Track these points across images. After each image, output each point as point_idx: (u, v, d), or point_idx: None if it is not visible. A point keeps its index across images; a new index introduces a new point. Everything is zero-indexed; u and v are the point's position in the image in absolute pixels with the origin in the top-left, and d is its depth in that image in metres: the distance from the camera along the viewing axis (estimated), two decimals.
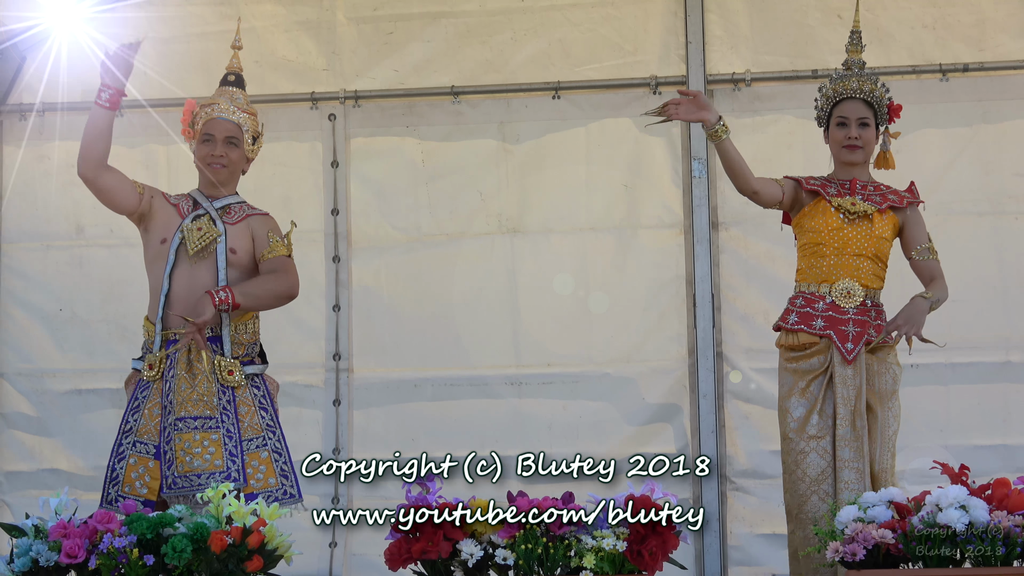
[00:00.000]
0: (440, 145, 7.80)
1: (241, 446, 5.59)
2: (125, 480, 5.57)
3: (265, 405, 5.72)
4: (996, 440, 7.28)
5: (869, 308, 5.82)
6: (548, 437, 7.60)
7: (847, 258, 5.83)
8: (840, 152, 5.96)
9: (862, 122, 5.93)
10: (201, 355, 5.51)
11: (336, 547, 7.60)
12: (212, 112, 5.87)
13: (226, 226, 5.77)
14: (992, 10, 7.48)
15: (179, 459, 5.51)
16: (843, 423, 5.67)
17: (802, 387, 5.77)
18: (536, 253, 7.70)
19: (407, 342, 7.73)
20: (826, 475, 5.68)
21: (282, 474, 5.68)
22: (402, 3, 7.82)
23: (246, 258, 5.79)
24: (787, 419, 5.79)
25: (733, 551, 7.45)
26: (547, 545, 4.49)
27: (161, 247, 5.76)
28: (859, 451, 5.66)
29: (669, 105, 5.83)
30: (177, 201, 5.89)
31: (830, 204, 5.87)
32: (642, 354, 7.60)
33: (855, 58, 6.06)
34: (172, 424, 5.55)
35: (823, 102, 6.03)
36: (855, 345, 5.73)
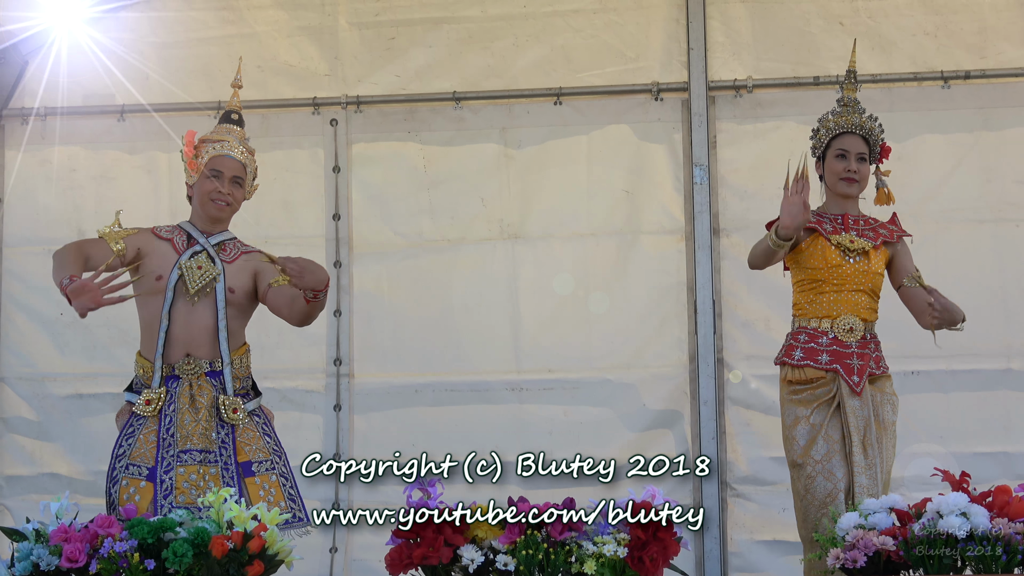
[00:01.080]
0: (441, 150, 7.80)
1: (238, 476, 5.58)
2: (119, 502, 5.53)
3: (268, 432, 5.74)
4: (997, 447, 7.28)
5: (868, 341, 5.91)
6: (549, 442, 7.60)
7: (846, 294, 5.90)
8: (838, 184, 6.03)
9: (860, 157, 6.02)
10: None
11: (337, 552, 7.60)
12: (221, 149, 5.82)
13: (224, 264, 5.75)
14: (994, 18, 7.49)
15: (180, 490, 5.50)
16: (857, 451, 5.74)
17: (806, 415, 5.85)
18: (537, 259, 7.70)
19: (408, 347, 7.74)
20: (833, 496, 5.74)
21: (290, 498, 5.69)
22: (404, 8, 7.83)
23: (243, 298, 5.76)
24: (794, 447, 5.86)
25: (733, 557, 7.45)
26: (548, 551, 4.49)
27: (157, 284, 5.68)
28: (873, 478, 5.73)
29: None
30: (170, 235, 5.81)
31: (829, 241, 5.94)
32: (643, 360, 7.60)
33: (851, 96, 6.14)
34: (175, 456, 5.54)
35: (824, 133, 6.09)
36: (860, 377, 5.81)
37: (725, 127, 7.63)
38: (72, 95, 7.84)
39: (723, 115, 7.64)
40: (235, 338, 5.73)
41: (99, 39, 7.69)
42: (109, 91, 7.82)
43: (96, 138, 7.90)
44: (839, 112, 6.08)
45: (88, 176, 7.91)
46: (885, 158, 6.13)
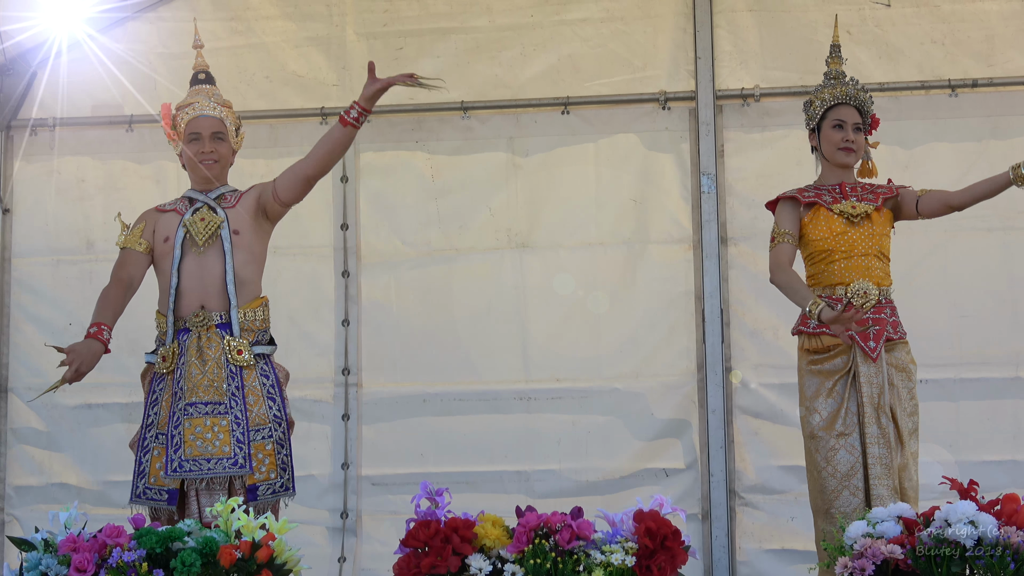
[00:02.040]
0: (449, 160, 7.81)
1: (248, 434, 5.64)
2: (151, 472, 5.66)
3: (273, 395, 5.78)
4: (1005, 455, 7.27)
5: (884, 306, 5.91)
6: (557, 452, 7.61)
7: (856, 259, 5.92)
8: (836, 154, 6.07)
9: (856, 127, 6.08)
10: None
11: (345, 562, 7.60)
12: (194, 111, 5.93)
13: (226, 211, 5.84)
14: (1001, 26, 7.49)
15: (188, 443, 5.57)
16: (870, 421, 5.77)
17: (828, 387, 5.87)
18: (545, 268, 7.71)
19: (416, 357, 7.74)
20: (855, 470, 5.78)
21: (281, 466, 5.73)
22: (412, 19, 7.84)
23: (251, 237, 5.86)
24: (814, 418, 5.88)
25: (742, 567, 7.44)
26: (556, 560, 4.49)
27: (165, 245, 5.84)
28: (887, 447, 5.76)
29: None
30: (173, 206, 5.97)
31: (831, 211, 5.96)
32: (651, 369, 7.60)
33: (837, 69, 6.20)
34: (182, 409, 5.62)
35: (819, 104, 6.14)
36: (876, 343, 5.82)
37: (732, 136, 7.63)
38: (80, 105, 7.86)
39: (730, 124, 7.64)
40: (248, 287, 5.82)
41: (108, 49, 7.70)
42: (117, 101, 7.84)
43: (104, 148, 7.92)
44: (832, 84, 6.15)
45: (96, 186, 7.93)
46: (875, 129, 6.17)
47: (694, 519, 7.45)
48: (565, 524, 4.53)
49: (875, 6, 7.56)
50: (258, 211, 5.89)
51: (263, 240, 5.94)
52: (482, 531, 4.56)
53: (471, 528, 4.55)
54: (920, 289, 6.18)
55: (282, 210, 5.92)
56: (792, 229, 6.06)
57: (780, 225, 6.08)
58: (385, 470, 7.68)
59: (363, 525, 7.68)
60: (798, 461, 7.33)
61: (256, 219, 5.89)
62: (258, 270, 5.90)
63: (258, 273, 5.89)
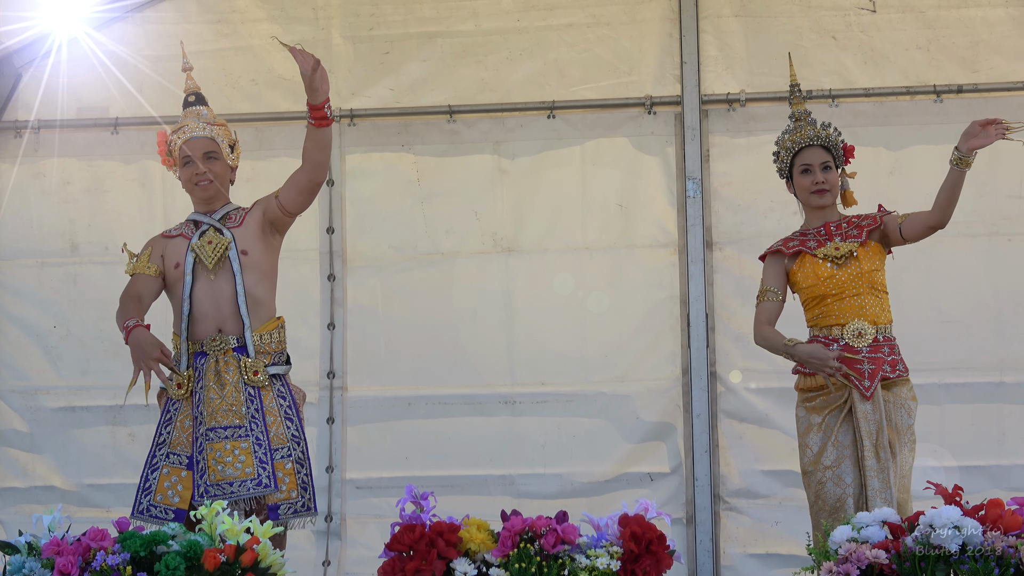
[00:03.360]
0: (435, 164, 7.81)
1: (271, 453, 5.65)
2: (158, 490, 5.67)
3: (291, 415, 5.79)
4: (990, 460, 7.29)
5: (882, 344, 5.92)
6: (542, 456, 7.61)
7: (848, 300, 5.94)
8: (810, 198, 6.08)
9: (824, 166, 6.06)
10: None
11: (329, 565, 7.59)
12: (184, 134, 5.91)
13: (232, 231, 5.82)
14: (986, 32, 7.52)
15: (211, 468, 5.59)
16: (869, 455, 5.78)
17: (818, 422, 5.91)
18: (531, 272, 7.71)
19: (401, 360, 7.74)
20: (843, 502, 5.79)
21: (302, 486, 5.74)
22: (398, 23, 7.84)
23: (261, 255, 5.85)
24: (806, 454, 5.92)
25: (726, 571, 7.45)
26: (541, 564, 4.48)
27: (176, 272, 5.82)
28: (886, 482, 5.77)
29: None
30: (179, 231, 5.96)
31: (815, 256, 5.98)
32: (636, 373, 7.61)
33: (800, 109, 6.19)
34: (204, 435, 5.63)
35: (784, 154, 6.14)
36: (871, 382, 5.83)
37: (718, 140, 7.64)
38: (66, 107, 7.84)
39: (716, 128, 7.65)
40: (262, 307, 5.82)
41: (94, 52, 7.69)
42: (103, 103, 7.83)
43: (90, 150, 7.90)
44: (793, 129, 6.14)
45: (82, 188, 7.91)
46: (851, 158, 6.15)
47: (679, 523, 7.46)
48: (550, 528, 4.53)
49: (860, 12, 7.58)
50: (265, 226, 5.88)
51: (273, 256, 5.92)
52: (467, 535, 4.56)
53: (456, 532, 4.55)
54: (905, 294, 6.20)
55: (289, 220, 5.92)
56: (776, 285, 6.11)
57: (764, 282, 6.14)
58: (370, 473, 7.68)
59: (348, 528, 7.68)
60: (782, 466, 7.40)
61: (264, 235, 5.88)
62: (271, 287, 5.90)
63: (271, 290, 5.89)
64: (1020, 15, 7.50)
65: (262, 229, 5.87)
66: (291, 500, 5.70)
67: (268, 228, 5.88)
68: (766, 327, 6.06)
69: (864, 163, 6.23)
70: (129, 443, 7.76)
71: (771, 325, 6.07)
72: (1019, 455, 7.33)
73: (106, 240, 7.84)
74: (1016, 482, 7.12)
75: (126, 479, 7.70)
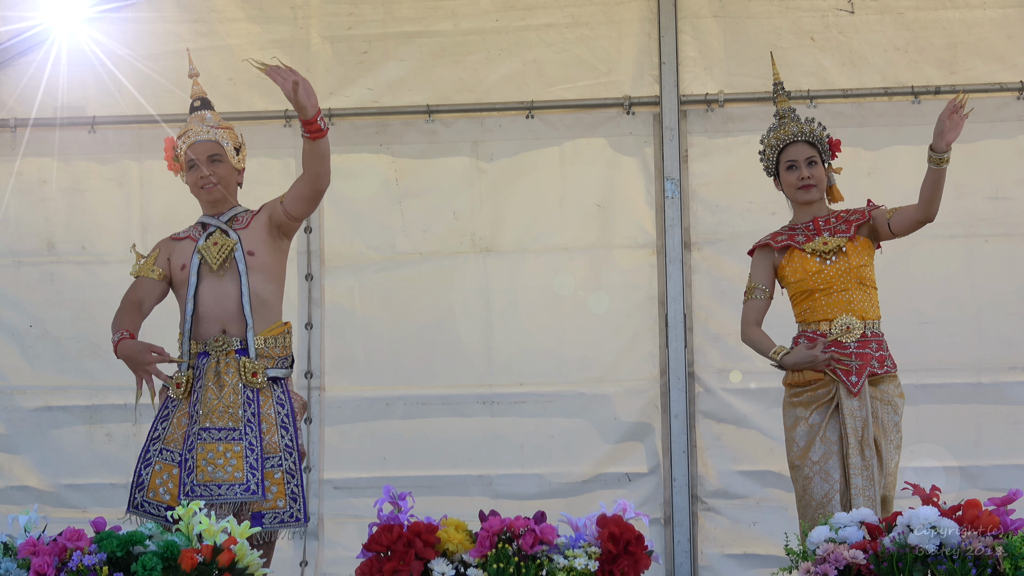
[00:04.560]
0: (414, 164, 7.80)
1: (262, 460, 5.63)
2: (150, 486, 5.66)
3: (287, 424, 5.77)
4: (967, 461, 7.31)
5: (870, 340, 5.94)
6: (520, 456, 7.61)
7: (836, 295, 5.95)
8: (796, 194, 6.10)
9: (810, 161, 6.08)
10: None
11: (307, 566, 7.57)
12: (188, 138, 5.93)
13: (239, 233, 5.82)
14: (964, 34, 7.53)
15: (200, 468, 5.58)
16: (853, 452, 5.80)
17: (805, 417, 5.92)
18: (509, 272, 7.70)
19: (379, 360, 7.73)
20: (829, 497, 5.80)
21: (291, 496, 5.72)
22: (376, 22, 7.83)
23: (267, 257, 5.85)
24: (793, 449, 5.93)
25: (704, 571, 7.45)
26: (519, 565, 4.48)
27: (182, 273, 5.84)
28: (870, 479, 5.78)
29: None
30: (187, 233, 5.97)
31: (804, 251, 5.99)
32: (614, 373, 7.61)
33: (784, 107, 6.23)
34: (196, 433, 5.62)
35: (769, 152, 6.17)
36: (859, 378, 5.85)
37: (696, 141, 7.65)
38: (43, 106, 7.81)
39: (694, 129, 7.66)
40: (268, 308, 5.82)
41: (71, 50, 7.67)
42: (80, 102, 7.80)
43: (67, 149, 7.86)
44: (777, 126, 6.17)
45: (58, 188, 7.87)
46: (838, 152, 6.18)
47: (656, 523, 7.46)
48: (528, 528, 4.52)
49: (839, 13, 7.59)
50: (271, 229, 5.88)
51: (280, 259, 5.92)
52: (445, 535, 4.55)
53: (434, 532, 4.54)
54: (883, 295, 6.19)
55: (295, 224, 5.91)
56: (764, 282, 6.13)
57: (752, 279, 6.15)
58: (348, 474, 7.67)
59: (325, 529, 7.66)
60: (760, 466, 7.41)
61: (271, 237, 5.87)
62: (278, 290, 5.89)
63: (277, 293, 5.89)
64: (998, 17, 7.53)
65: (269, 232, 5.87)
66: (277, 510, 5.67)
67: (275, 232, 5.88)
68: (754, 328, 6.08)
69: (842, 163, 6.24)
70: (106, 443, 7.74)
71: (758, 324, 6.08)
72: (996, 455, 7.35)
73: (83, 240, 7.82)
74: (993, 483, 7.13)
75: (103, 479, 7.69)
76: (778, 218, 6.53)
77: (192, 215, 6.07)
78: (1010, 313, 7.44)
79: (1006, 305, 7.45)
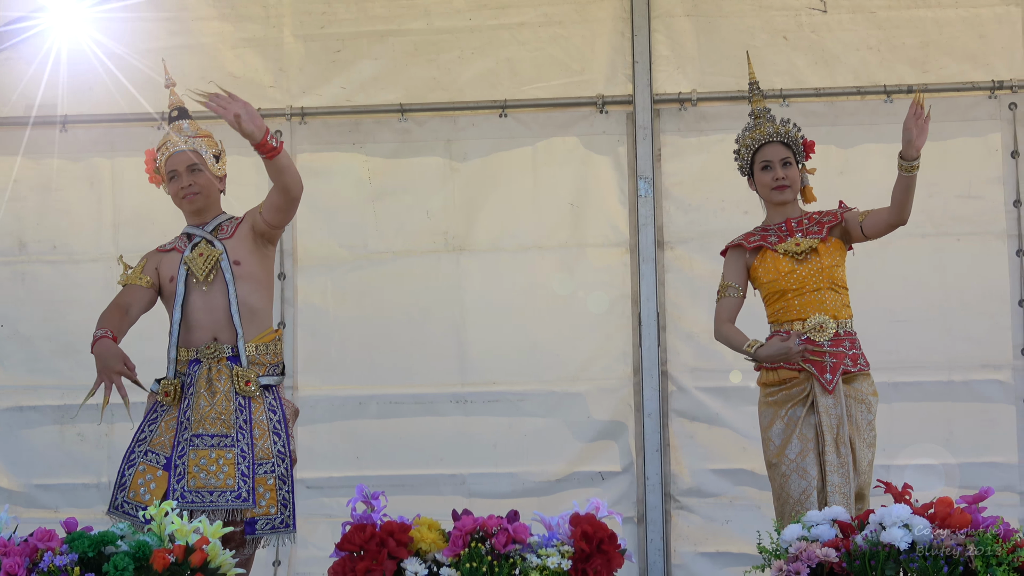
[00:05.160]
0: (387, 163, 7.79)
1: (254, 467, 5.62)
2: (131, 486, 5.62)
3: (279, 430, 5.77)
4: (939, 459, 7.33)
5: (843, 338, 5.96)
6: (493, 455, 7.61)
7: (808, 295, 5.97)
8: (771, 194, 6.12)
9: (785, 162, 6.11)
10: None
11: (280, 565, 7.56)
12: (167, 150, 5.90)
13: (224, 243, 5.82)
14: (936, 33, 7.56)
15: (191, 474, 5.57)
16: (830, 449, 5.82)
17: (782, 415, 5.93)
18: (482, 271, 7.70)
19: (352, 360, 7.71)
20: (807, 494, 5.82)
21: (282, 502, 5.73)
22: (349, 21, 7.81)
23: (254, 265, 5.84)
24: (770, 447, 5.94)
25: (677, 570, 7.46)
26: (492, 564, 4.48)
27: (171, 285, 5.83)
28: (845, 477, 5.80)
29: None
30: (173, 244, 5.95)
31: (776, 252, 6.01)
32: (588, 372, 7.61)
33: (760, 107, 6.25)
34: (188, 440, 5.60)
35: (744, 152, 6.19)
36: (833, 375, 5.87)
37: (669, 140, 7.66)
38: (15, 104, 7.78)
39: (667, 128, 7.67)
40: (258, 316, 5.81)
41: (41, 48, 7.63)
42: (51, 100, 7.76)
43: (38, 148, 7.82)
44: (753, 127, 6.18)
45: (29, 187, 7.84)
46: (812, 153, 6.20)
47: (629, 522, 7.47)
48: (501, 527, 4.52)
49: (811, 12, 7.61)
50: (256, 238, 5.86)
51: (267, 265, 5.91)
52: (418, 535, 4.55)
53: (407, 532, 4.54)
54: (854, 293, 6.21)
55: (277, 232, 5.90)
56: (737, 280, 6.13)
57: (725, 277, 6.16)
58: (320, 473, 7.65)
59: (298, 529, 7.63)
60: (733, 465, 7.42)
61: (256, 245, 5.86)
62: (266, 296, 5.89)
63: (267, 299, 5.89)
64: (970, 16, 7.55)
65: (253, 241, 5.86)
66: (270, 516, 5.67)
67: (259, 240, 5.87)
68: (727, 325, 6.08)
69: (815, 162, 6.26)
70: (78, 443, 7.71)
71: (731, 322, 6.09)
72: (967, 454, 7.38)
73: (54, 239, 7.78)
74: (965, 480, 7.16)
75: (74, 479, 7.66)
76: (751, 217, 6.53)
77: (165, 214, 6.06)
78: (981, 311, 7.47)
79: (977, 303, 7.48)
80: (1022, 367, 7.42)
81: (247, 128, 5.42)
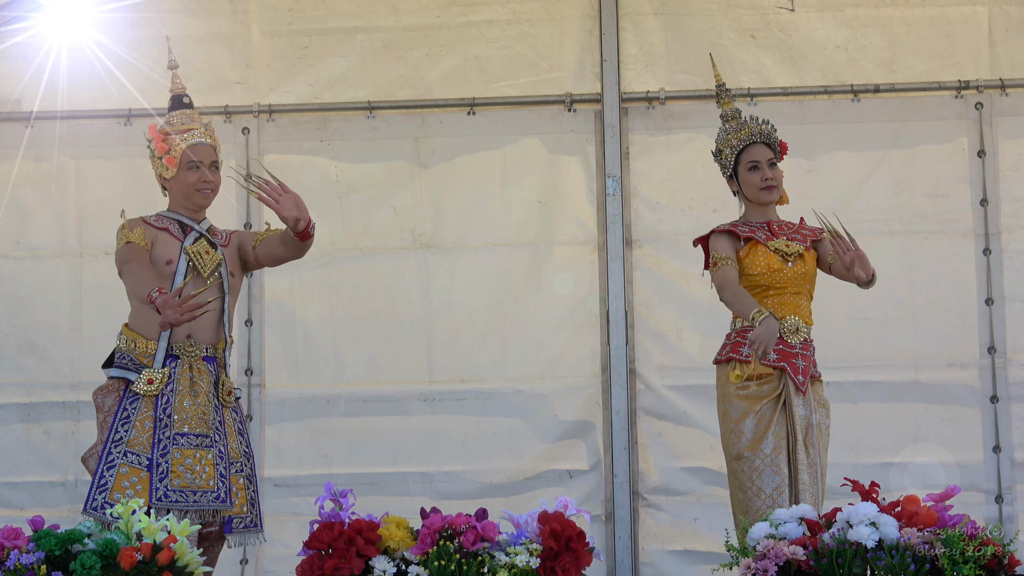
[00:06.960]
0: (354, 160, 7.76)
1: (229, 468, 5.65)
2: (115, 488, 5.54)
3: (243, 431, 5.84)
4: (906, 457, 7.36)
5: (809, 343, 6.00)
6: (461, 453, 7.60)
7: (788, 297, 6.00)
8: (759, 194, 6.10)
9: (770, 163, 6.12)
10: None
11: (247, 564, 7.54)
12: (193, 138, 5.84)
13: (223, 250, 5.86)
14: (903, 33, 7.59)
15: (175, 473, 5.54)
16: (800, 449, 5.84)
17: (756, 410, 5.91)
18: (450, 269, 7.69)
19: (320, 357, 7.70)
20: (780, 491, 5.82)
21: (251, 501, 5.77)
22: (317, 18, 7.79)
23: (237, 283, 5.90)
24: (741, 439, 5.90)
25: (645, 567, 7.47)
26: (460, 562, 4.47)
27: (166, 268, 5.74)
28: (814, 476, 5.84)
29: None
30: (163, 224, 5.84)
31: (767, 248, 6.00)
32: (556, 371, 7.61)
33: (730, 108, 6.25)
34: (171, 438, 5.57)
35: (728, 152, 6.16)
36: (804, 377, 5.91)
37: (638, 139, 7.66)
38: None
39: (636, 127, 7.67)
40: (230, 325, 5.84)
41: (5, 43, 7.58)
42: (15, 96, 7.71)
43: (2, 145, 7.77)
44: (736, 128, 6.18)
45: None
46: (785, 154, 6.21)
47: (598, 520, 7.47)
48: (470, 526, 4.52)
49: (779, 11, 7.63)
50: (239, 258, 5.92)
51: (240, 284, 5.98)
52: (386, 533, 4.55)
53: (375, 530, 4.53)
54: (821, 292, 6.23)
55: (258, 267, 6.04)
56: (731, 256, 6.03)
57: (719, 252, 6.04)
58: (288, 471, 7.63)
59: (266, 527, 7.60)
60: (700, 463, 7.42)
61: (240, 263, 5.93)
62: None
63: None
64: (937, 15, 7.58)
65: (240, 258, 5.92)
66: (243, 515, 5.72)
67: (241, 261, 5.93)
68: (737, 286, 5.96)
69: (782, 162, 6.27)
70: (44, 441, 7.66)
71: (738, 284, 5.98)
72: (934, 452, 7.40)
73: (17, 235, 7.73)
74: (931, 479, 7.18)
75: (41, 477, 7.62)
76: (719, 215, 6.54)
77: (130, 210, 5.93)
78: (947, 310, 7.50)
79: (943, 302, 7.51)
80: (989, 366, 7.45)
81: (295, 219, 5.59)
